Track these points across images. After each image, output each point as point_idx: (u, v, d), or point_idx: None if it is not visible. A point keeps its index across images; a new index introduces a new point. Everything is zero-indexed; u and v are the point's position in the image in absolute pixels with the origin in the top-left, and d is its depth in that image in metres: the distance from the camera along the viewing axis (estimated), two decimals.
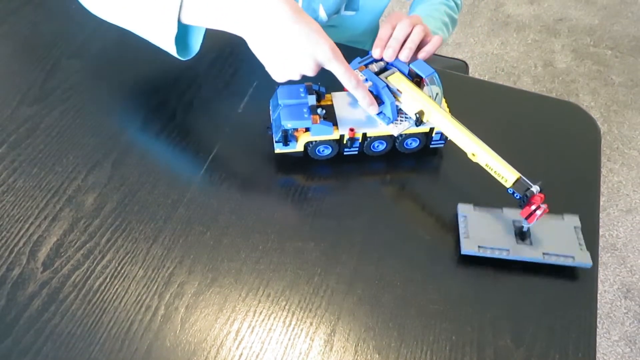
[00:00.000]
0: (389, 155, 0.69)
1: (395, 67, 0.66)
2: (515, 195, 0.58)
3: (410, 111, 0.64)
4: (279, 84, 0.65)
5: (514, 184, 0.58)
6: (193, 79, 0.76)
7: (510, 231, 0.60)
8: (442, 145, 0.69)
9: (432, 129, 0.66)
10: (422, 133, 0.67)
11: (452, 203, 0.64)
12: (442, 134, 0.67)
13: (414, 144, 0.68)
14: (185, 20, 0.57)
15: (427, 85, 0.64)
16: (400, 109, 0.65)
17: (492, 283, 0.59)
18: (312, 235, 0.61)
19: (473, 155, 0.61)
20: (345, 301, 0.57)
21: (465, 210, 0.62)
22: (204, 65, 0.77)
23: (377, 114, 0.64)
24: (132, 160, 0.67)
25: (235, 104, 0.74)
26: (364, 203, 0.65)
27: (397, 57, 0.66)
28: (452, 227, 0.62)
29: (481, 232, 0.60)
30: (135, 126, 0.70)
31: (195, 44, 0.63)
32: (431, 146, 0.69)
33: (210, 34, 0.63)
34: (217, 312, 0.56)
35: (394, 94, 0.64)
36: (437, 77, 0.64)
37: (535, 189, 0.57)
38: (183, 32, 0.63)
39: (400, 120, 0.65)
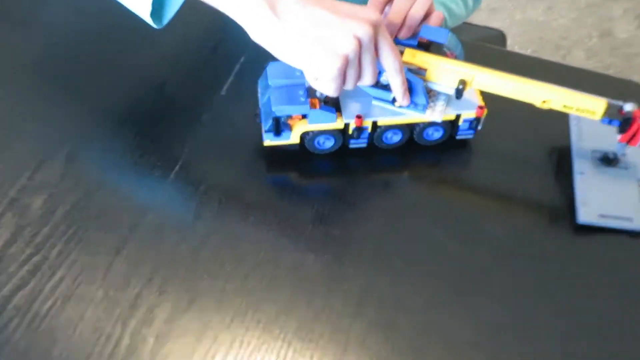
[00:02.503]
0: (405, 148, 0.70)
1: (398, 43, 0.67)
2: (612, 123, 0.63)
3: (445, 86, 0.65)
4: (269, 60, 0.66)
5: (605, 111, 0.62)
6: (165, 55, 0.77)
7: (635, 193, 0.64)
8: (471, 136, 0.70)
9: (458, 117, 0.68)
10: (447, 122, 0.68)
11: (484, 206, 0.65)
12: (471, 122, 0.68)
13: (436, 134, 0.69)
14: None
15: (449, 50, 0.66)
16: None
17: (544, 303, 0.59)
18: (312, 246, 0.62)
19: (544, 102, 0.63)
20: (354, 328, 0.57)
21: (582, 168, 0.65)
22: (178, 38, 0.77)
23: (409, 105, 0.65)
24: (91, 154, 0.68)
25: (217, 85, 0.74)
26: (375, 206, 0.65)
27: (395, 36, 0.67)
28: (484, 237, 0.63)
29: (601, 195, 0.64)
30: (95, 112, 0.71)
31: (173, 8, 0.64)
32: (457, 137, 0.70)
33: None
34: (195, 342, 0.56)
35: (417, 74, 0.65)
36: (455, 38, 0.66)
37: (630, 106, 0.62)
38: None
39: (434, 102, 0.66)
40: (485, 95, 0.67)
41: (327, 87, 0.57)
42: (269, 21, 0.54)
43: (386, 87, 0.64)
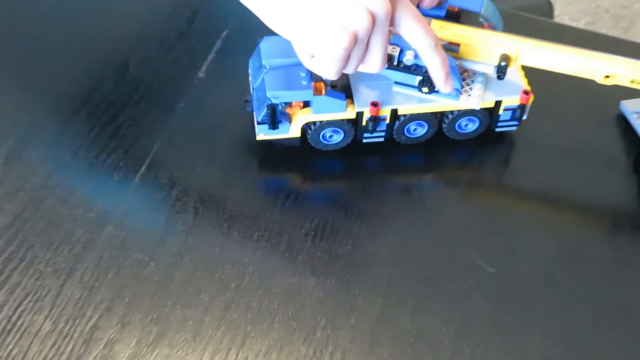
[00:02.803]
0: (432, 143, 0.69)
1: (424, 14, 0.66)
2: None
3: (484, 64, 0.65)
4: (262, 35, 0.66)
5: None
6: (130, 27, 0.77)
7: None
8: (514, 127, 0.70)
9: (498, 104, 0.67)
10: (485, 110, 0.67)
11: (530, 216, 0.65)
12: (514, 111, 0.68)
13: (471, 126, 0.69)
14: None
15: (485, 21, 0.66)
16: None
17: (605, 340, 0.58)
18: (312, 267, 0.62)
19: (607, 77, 0.63)
20: None
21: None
22: (145, 5, 0.78)
23: (438, 90, 0.64)
24: (35, 153, 0.68)
25: (195, 64, 0.74)
26: (393, 218, 0.65)
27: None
28: (530, 256, 0.63)
29: None
30: (40, 101, 0.71)
31: None
32: (497, 129, 0.70)
33: None
34: None
35: (448, 51, 0.64)
36: (493, 5, 0.66)
37: None
38: None
39: (469, 86, 0.66)
40: (528, 76, 0.67)
41: (325, 69, 0.56)
42: None
43: (410, 69, 0.63)
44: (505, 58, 0.63)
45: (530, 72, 0.67)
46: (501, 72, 0.64)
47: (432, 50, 0.58)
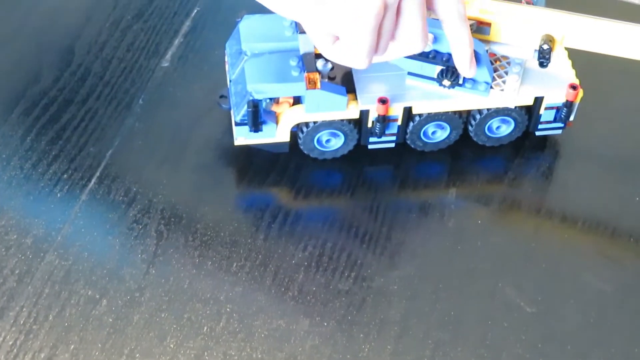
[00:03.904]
0: (455, 150, 0.70)
1: None
2: None
3: (521, 48, 0.65)
4: (242, 14, 0.66)
5: None
6: (75, 2, 0.77)
7: None
8: (559, 131, 0.70)
9: (539, 101, 0.67)
10: (522, 109, 0.68)
11: (579, 242, 0.65)
12: (558, 110, 0.68)
13: (504, 128, 0.69)
14: None
15: None
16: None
17: None
18: (305, 306, 0.62)
19: None
20: None
21: None
22: None
23: (462, 83, 0.65)
24: None
25: (157, 51, 0.75)
26: (407, 244, 0.65)
27: None
28: (581, 292, 0.63)
29: None
30: None
31: None
32: (538, 133, 0.70)
33: None
34: None
35: (477, 34, 0.65)
36: None
37: None
38: None
39: (501, 79, 0.66)
40: (575, 65, 0.67)
41: (355, 51, 0.56)
42: None
43: (428, 56, 0.63)
44: (549, 39, 0.63)
45: (577, 61, 0.68)
46: (544, 57, 0.64)
47: (461, 20, 0.59)
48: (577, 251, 0.65)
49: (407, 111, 0.66)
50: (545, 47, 0.63)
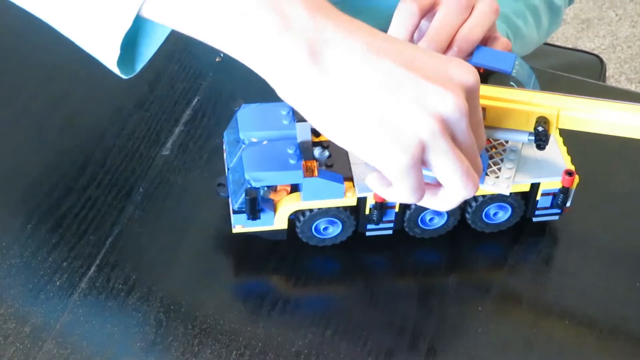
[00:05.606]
0: (453, 236, 0.70)
1: None
2: None
3: (517, 131, 0.65)
4: (240, 102, 0.67)
5: None
6: (75, 90, 0.77)
7: None
8: (556, 217, 0.71)
9: (535, 187, 0.68)
10: (518, 195, 0.68)
11: (579, 332, 0.65)
12: (554, 196, 0.69)
13: (501, 214, 0.70)
14: (147, 13, 0.57)
15: (517, 84, 0.67)
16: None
17: None
18: None
19: None
20: None
21: None
22: (95, 66, 0.78)
23: None
24: None
25: (157, 139, 0.76)
26: (405, 331, 0.65)
27: None
28: None
29: None
30: None
31: (146, 52, 0.63)
32: (535, 219, 0.70)
33: None
34: None
35: None
36: (527, 66, 0.67)
37: None
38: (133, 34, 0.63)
39: (497, 166, 0.67)
40: (570, 151, 0.68)
41: (399, 192, 0.54)
42: (306, 73, 0.52)
43: None
44: (543, 120, 0.64)
45: (573, 146, 0.68)
46: (540, 138, 0.64)
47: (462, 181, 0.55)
48: (580, 342, 0.65)
49: None
50: (540, 129, 0.64)
